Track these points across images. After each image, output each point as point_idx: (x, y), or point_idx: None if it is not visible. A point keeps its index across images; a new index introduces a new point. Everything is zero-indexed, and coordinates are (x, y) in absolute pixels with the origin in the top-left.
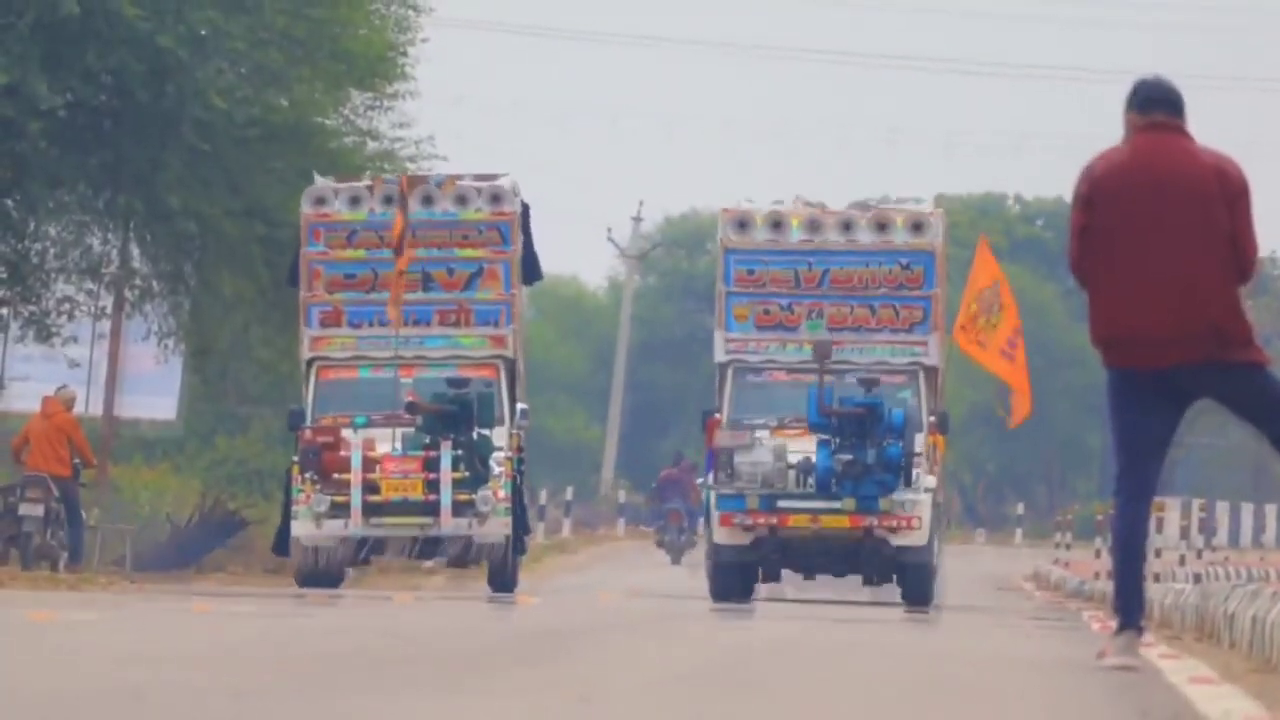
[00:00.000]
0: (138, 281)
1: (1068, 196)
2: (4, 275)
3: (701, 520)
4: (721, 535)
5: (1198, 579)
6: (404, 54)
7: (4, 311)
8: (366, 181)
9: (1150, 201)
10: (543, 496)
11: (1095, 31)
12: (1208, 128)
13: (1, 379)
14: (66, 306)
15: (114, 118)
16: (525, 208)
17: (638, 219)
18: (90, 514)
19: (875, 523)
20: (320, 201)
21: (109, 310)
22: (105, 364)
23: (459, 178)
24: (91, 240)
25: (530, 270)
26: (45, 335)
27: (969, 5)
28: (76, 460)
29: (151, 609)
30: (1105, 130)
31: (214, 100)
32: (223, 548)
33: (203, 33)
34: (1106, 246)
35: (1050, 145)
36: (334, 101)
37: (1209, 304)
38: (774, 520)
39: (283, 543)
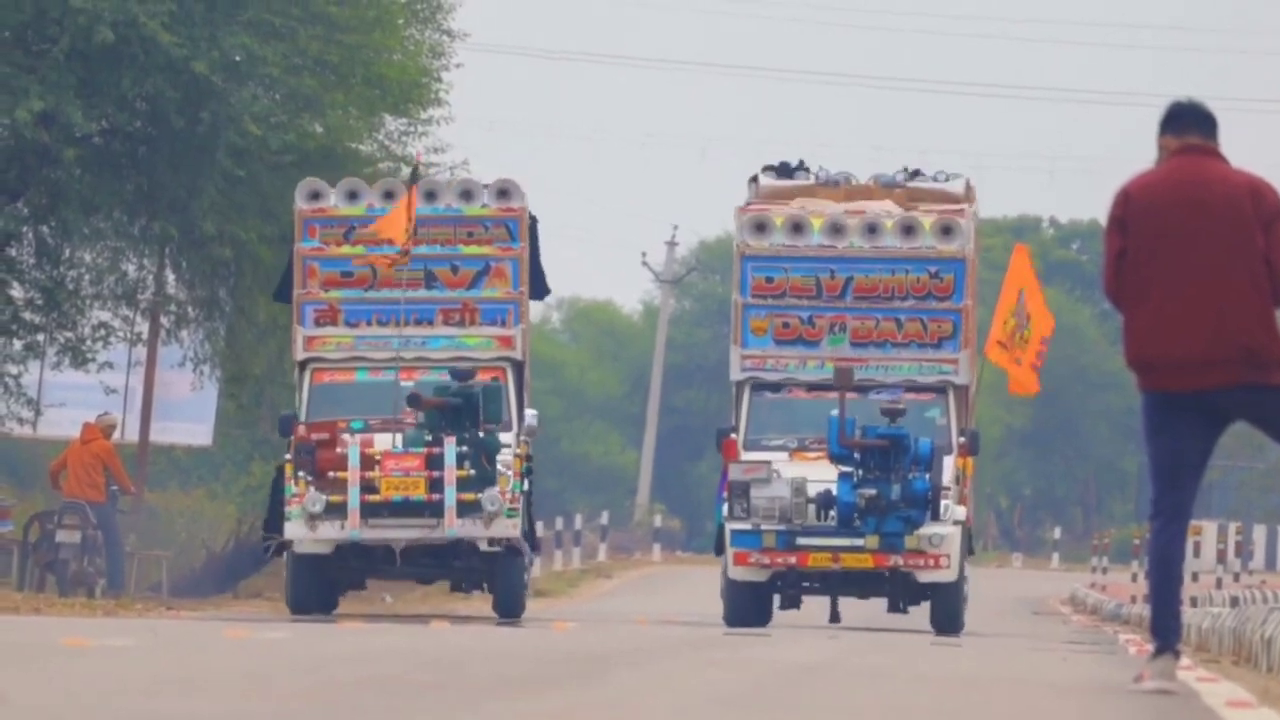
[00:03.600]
0: (173, 307)
1: (1103, 219)
2: (40, 301)
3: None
4: (738, 574)
5: (1235, 602)
6: (438, 79)
7: (40, 337)
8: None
9: (1185, 224)
10: (578, 521)
11: (1129, 55)
12: (1241, 150)
13: (38, 405)
14: (102, 332)
15: (149, 144)
16: (534, 220)
17: (672, 243)
18: (127, 540)
19: (900, 562)
20: (315, 196)
21: (144, 336)
22: (141, 390)
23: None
24: (127, 266)
25: (536, 287)
26: (81, 361)
27: (1001, 29)
28: (114, 487)
29: (187, 635)
30: (1139, 153)
31: (249, 126)
32: (259, 573)
33: (237, 59)
34: (1141, 269)
35: (1085, 168)
36: (368, 127)
37: (1244, 326)
38: (792, 560)
39: (275, 522)
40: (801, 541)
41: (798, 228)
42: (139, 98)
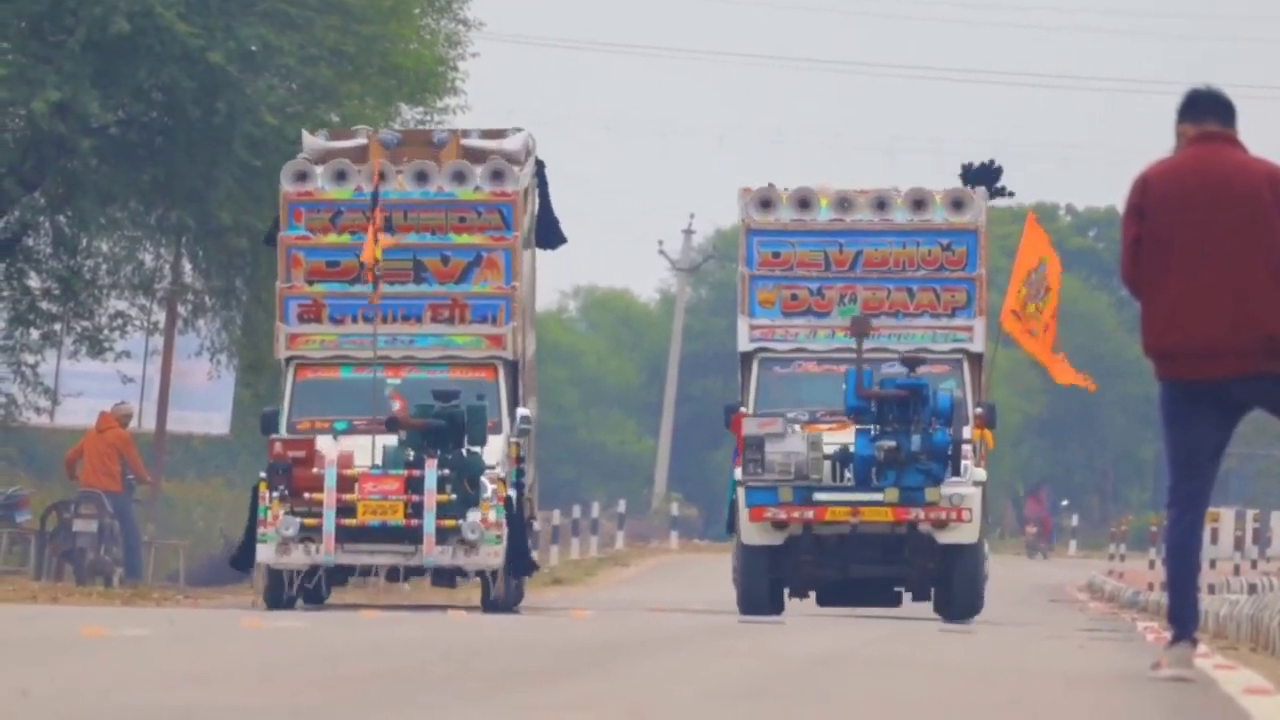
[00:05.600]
0: (190, 296)
1: (1120, 207)
2: (57, 291)
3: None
4: (751, 534)
5: (1252, 589)
6: (454, 69)
7: (58, 327)
8: (361, 140)
9: (1203, 212)
10: (595, 509)
11: (1145, 42)
12: (1259, 138)
13: (55, 394)
14: (119, 322)
15: (165, 134)
16: (540, 165)
17: (689, 232)
18: (144, 529)
19: (920, 515)
20: (301, 178)
21: (161, 325)
22: (158, 379)
23: (466, 134)
24: (144, 256)
25: (549, 234)
26: (98, 350)
27: (1018, 17)
28: (130, 476)
29: (204, 625)
30: (1156, 141)
31: (265, 116)
32: None
33: (253, 49)
34: (1159, 257)
35: (1101, 156)
36: (384, 116)
37: (1262, 315)
38: (809, 514)
39: (244, 558)
40: (819, 496)
41: (804, 204)
42: (155, 88)
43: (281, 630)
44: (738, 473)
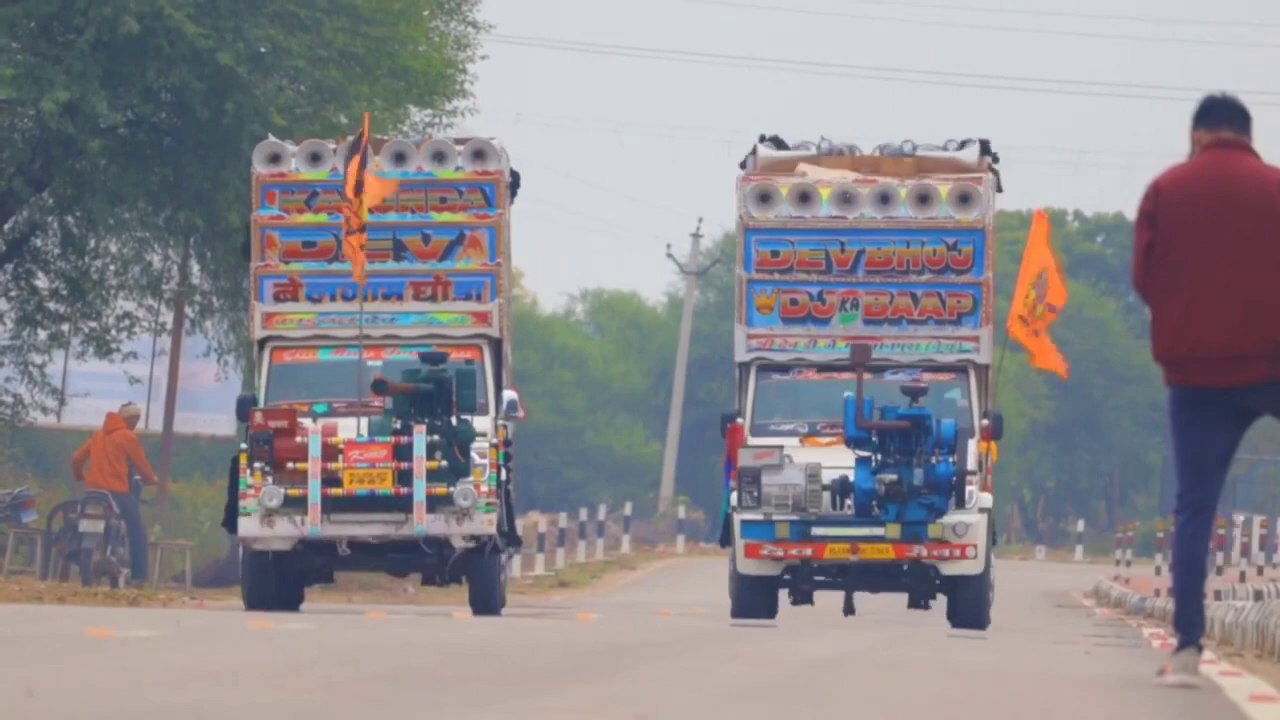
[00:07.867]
0: (197, 297)
1: (1128, 213)
2: (65, 291)
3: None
4: (748, 567)
5: (1259, 596)
6: (463, 71)
7: (65, 327)
8: (331, 145)
9: (1215, 219)
10: (601, 512)
11: (1155, 48)
12: (1274, 146)
13: (62, 395)
14: (127, 323)
15: (174, 135)
16: (515, 176)
17: (697, 235)
18: (150, 530)
19: (923, 552)
20: (275, 159)
21: (169, 326)
22: (165, 380)
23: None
24: (152, 257)
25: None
26: (106, 351)
27: (1026, 22)
28: (136, 477)
29: (211, 626)
30: (1165, 147)
31: (274, 117)
32: None
33: (262, 50)
34: (1171, 264)
35: (1110, 162)
36: (393, 118)
37: (1273, 323)
38: (807, 551)
39: (234, 519)
40: (817, 532)
41: (805, 198)
42: (164, 89)
43: (288, 632)
44: (733, 498)
